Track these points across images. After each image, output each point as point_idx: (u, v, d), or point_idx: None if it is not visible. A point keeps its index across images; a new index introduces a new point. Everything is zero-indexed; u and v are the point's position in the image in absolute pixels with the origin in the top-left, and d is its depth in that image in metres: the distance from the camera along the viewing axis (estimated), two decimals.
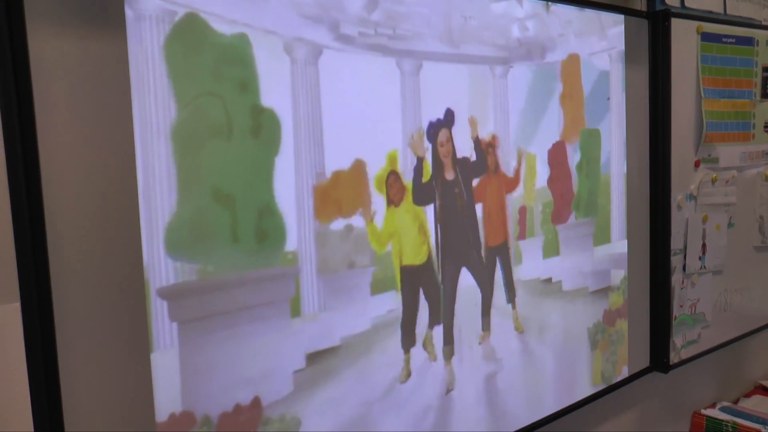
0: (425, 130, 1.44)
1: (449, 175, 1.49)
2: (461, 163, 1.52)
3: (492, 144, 1.57)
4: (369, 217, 1.33)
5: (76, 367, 1.00)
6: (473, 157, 1.54)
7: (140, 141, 1.04)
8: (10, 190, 0.91)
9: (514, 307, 1.66)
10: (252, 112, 1.16)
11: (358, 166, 1.32)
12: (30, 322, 0.93)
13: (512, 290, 1.65)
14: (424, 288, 1.46)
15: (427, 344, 1.47)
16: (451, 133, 1.50)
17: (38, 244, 0.94)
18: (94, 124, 1.00)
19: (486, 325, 1.60)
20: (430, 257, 1.46)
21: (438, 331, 1.49)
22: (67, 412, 0.98)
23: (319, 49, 1.24)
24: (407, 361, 1.43)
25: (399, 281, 1.41)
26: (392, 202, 1.38)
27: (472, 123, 1.53)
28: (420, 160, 1.44)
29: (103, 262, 1.02)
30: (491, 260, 1.60)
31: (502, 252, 1.62)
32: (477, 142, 1.55)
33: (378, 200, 1.36)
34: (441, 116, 1.47)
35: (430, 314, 1.48)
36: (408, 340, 1.43)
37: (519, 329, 1.68)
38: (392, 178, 1.38)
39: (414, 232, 1.43)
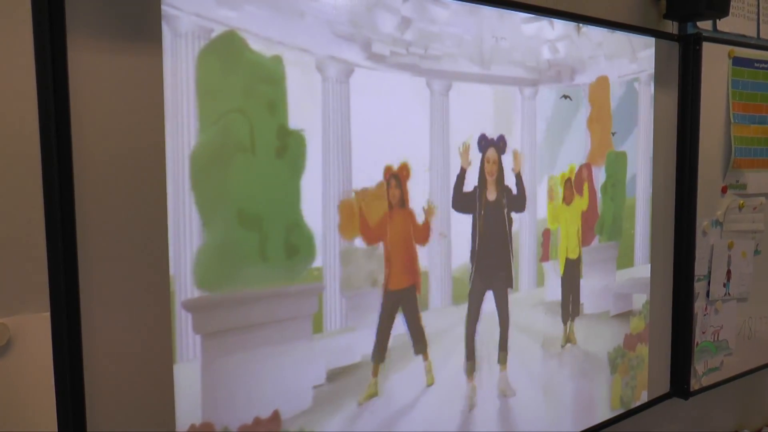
0: (476, 141, 1.46)
1: (491, 195, 1.50)
2: (507, 192, 1.53)
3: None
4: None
5: (100, 375, 1.01)
6: (514, 191, 1.56)
7: (171, 155, 1.05)
8: (45, 203, 0.93)
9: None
10: (278, 134, 1.17)
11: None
12: (58, 332, 0.95)
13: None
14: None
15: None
16: (499, 157, 1.51)
17: (69, 256, 0.95)
18: (128, 138, 1.01)
19: (503, 358, 1.59)
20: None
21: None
22: (91, 419, 1.00)
23: (351, 67, 1.25)
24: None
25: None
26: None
27: (516, 156, 1.54)
28: (463, 171, 1.45)
29: (130, 274, 1.03)
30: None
31: (403, 297, 1.39)
32: (519, 177, 1.56)
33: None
34: (495, 137, 1.50)
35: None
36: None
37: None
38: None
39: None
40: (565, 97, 1.62)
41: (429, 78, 1.38)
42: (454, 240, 1.46)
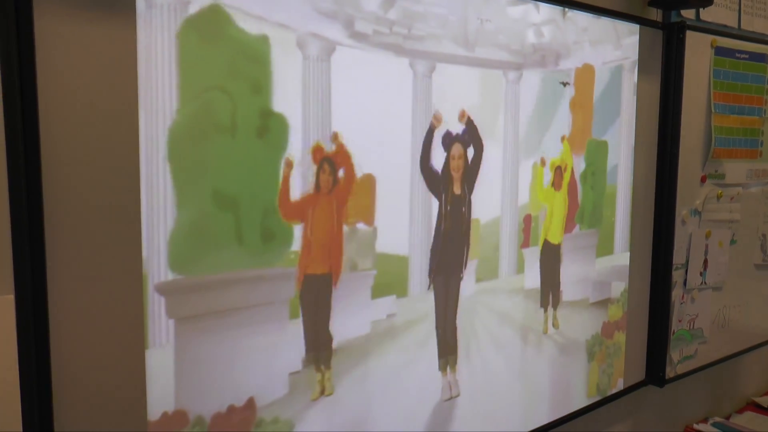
0: (440, 139, 1.41)
1: (457, 190, 1.46)
2: (470, 182, 1.49)
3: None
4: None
5: (68, 362, 0.97)
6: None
7: (144, 132, 1.00)
8: (9, 178, 0.88)
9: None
10: (261, 115, 1.13)
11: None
12: (23, 315, 0.90)
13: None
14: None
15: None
16: (465, 152, 1.47)
17: (35, 235, 0.91)
18: (99, 112, 0.96)
19: (452, 361, 1.52)
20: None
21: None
22: (58, 407, 0.96)
23: (332, 45, 1.21)
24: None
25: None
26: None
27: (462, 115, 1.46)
28: (431, 128, 1.40)
29: (101, 255, 0.99)
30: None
31: (319, 286, 1.26)
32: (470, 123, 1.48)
33: (382, 207, 1.33)
34: (459, 131, 1.45)
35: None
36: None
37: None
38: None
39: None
40: (564, 84, 1.60)
41: (412, 59, 1.35)
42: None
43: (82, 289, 0.97)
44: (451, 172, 1.45)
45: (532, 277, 1.68)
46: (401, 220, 1.38)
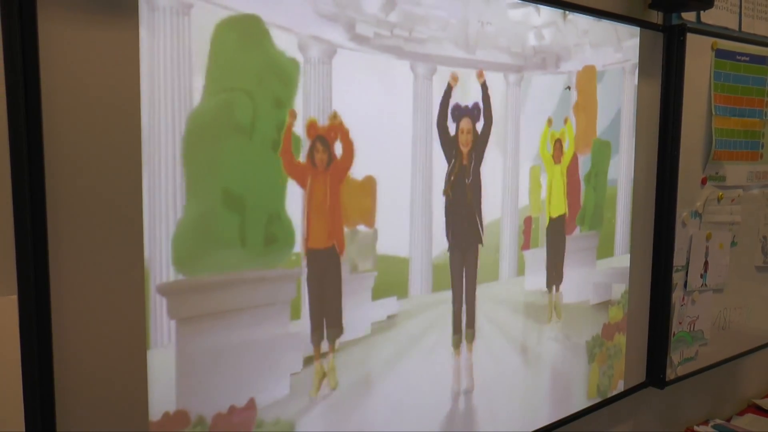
0: (449, 110, 1.43)
1: (465, 162, 1.47)
2: (477, 155, 1.50)
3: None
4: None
5: (70, 362, 0.97)
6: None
7: (147, 133, 1.01)
8: (13, 178, 0.89)
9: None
10: (278, 129, 1.15)
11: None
12: (26, 316, 0.91)
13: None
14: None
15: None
16: (474, 126, 1.47)
17: (38, 236, 0.91)
18: (101, 115, 0.97)
19: (470, 336, 1.54)
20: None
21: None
22: (60, 407, 0.96)
23: (333, 48, 1.22)
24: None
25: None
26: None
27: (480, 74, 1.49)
28: (449, 87, 1.43)
29: (103, 255, 0.99)
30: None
31: (326, 260, 1.26)
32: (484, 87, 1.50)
33: (383, 208, 1.34)
34: (469, 104, 1.46)
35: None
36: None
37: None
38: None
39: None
40: (568, 88, 1.60)
41: (413, 61, 1.35)
42: (435, 229, 1.44)
43: (84, 289, 0.98)
44: (459, 146, 1.46)
45: (533, 279, 1.68)
46: (402, 222, 1.38)
